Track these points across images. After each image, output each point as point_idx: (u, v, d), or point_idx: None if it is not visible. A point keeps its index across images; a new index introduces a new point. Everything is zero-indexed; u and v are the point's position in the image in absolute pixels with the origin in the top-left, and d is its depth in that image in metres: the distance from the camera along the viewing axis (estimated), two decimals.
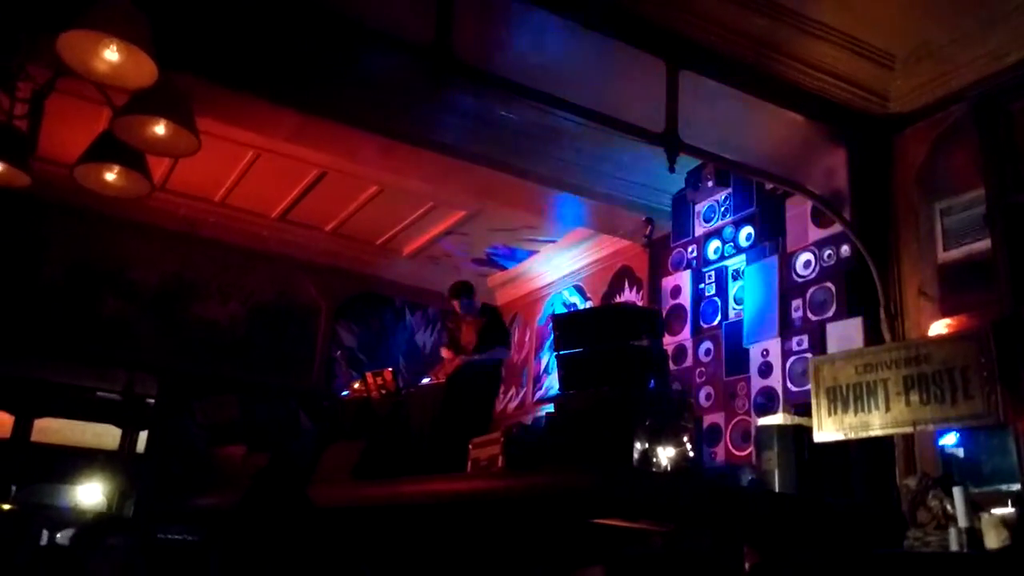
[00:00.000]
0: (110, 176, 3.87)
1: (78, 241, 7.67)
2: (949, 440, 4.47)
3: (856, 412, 4.34)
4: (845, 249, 5.07)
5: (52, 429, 10.86)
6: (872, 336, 4.81)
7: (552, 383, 8.11)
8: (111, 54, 3.17)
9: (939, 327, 4.67)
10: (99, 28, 3.06)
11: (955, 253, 4.81)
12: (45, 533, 8.87)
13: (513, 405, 8.70)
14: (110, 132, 3.50)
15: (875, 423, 4.25)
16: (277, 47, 4.93)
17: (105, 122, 5.78)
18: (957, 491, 3.75)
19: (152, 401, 8.87)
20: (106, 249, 7.81)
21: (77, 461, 10.87)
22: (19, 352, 8.14)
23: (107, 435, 11.12)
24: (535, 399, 8.42)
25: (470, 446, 4.51)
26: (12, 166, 3.66)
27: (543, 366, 8.47)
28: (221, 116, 5.56)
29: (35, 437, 10.76)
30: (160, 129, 3.53)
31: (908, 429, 4.21)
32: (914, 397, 4.13)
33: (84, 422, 10.97)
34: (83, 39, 3.11)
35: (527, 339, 8.85)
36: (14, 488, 10.75)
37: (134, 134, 3.51)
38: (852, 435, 4.33)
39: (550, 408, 4.80)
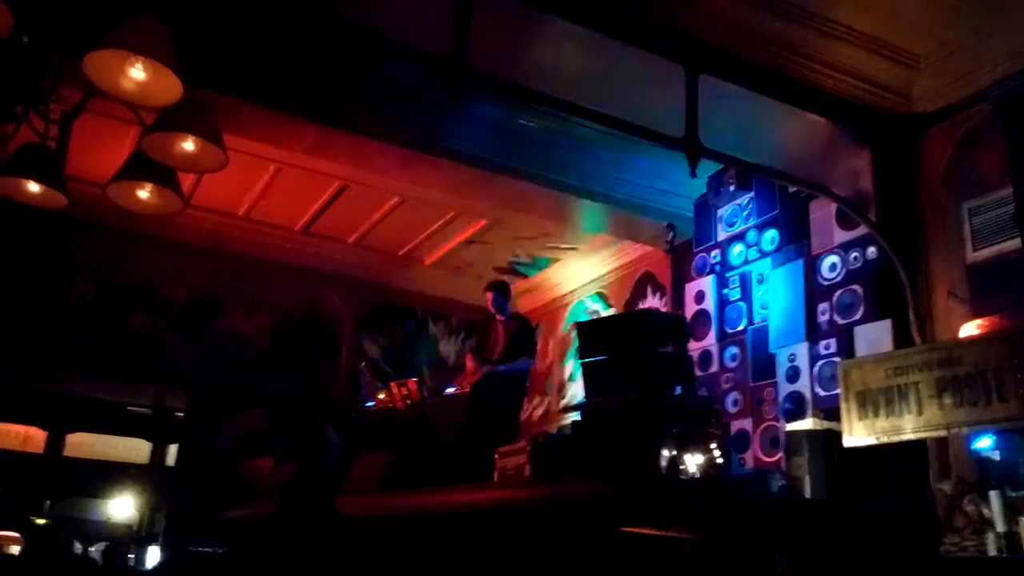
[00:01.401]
0: (143, 194, 3.93)
1: (107, 258, 7.80)
2: (984, 443, 4.38)
3: (887, 416, 4.28)
4: (872, 251, 5.01)
5: (84, 444, 11.03)
6: (901, 339, 4.74)
7: (576, 391, 8.09)
8: (137, 72, 3.23)
9: (970, 328, 4.59)
10: (125, 47, 3.12)
11: (985, 253, 4.74)
12: (78, 546, 8.99)
13: (538, 413, 8.68)
14: (141, 151, 3.55)
15: (907, 427, 4.18)
16: (296, 61, 4.99)
17: (132, 141, 5.89)
18: (994, 495, 3.68)
19: (181, 415, 8.96)
20: (134, 266, 7.93)
21: (109, 475, 11.03)
22: (51, 369, 8.29)
23: (138, 449, 11.27)
24: (559, 407, 8.39)
25: (496, 455, 4.49)
26: (49, 187, 3.74)
27: (567, 374, 8.44)
28: (242, 131, 5.62)
29: (67, 452, 10.94)
30: (188, 145, 3.58)
31: (942, 432, 4.13)
32: (947, 400, 4.06)
33: (115, 436, 11.13)
34: (109, 58, 3.17)
35: (550, 347, 8.84)
36: (48, 502, 10.93)
37: (163, 151, 3.57)
38: (884, 439, 4.26)
39: (575, 416, 4.78)
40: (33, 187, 3.76)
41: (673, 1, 4.48)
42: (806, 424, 4.67)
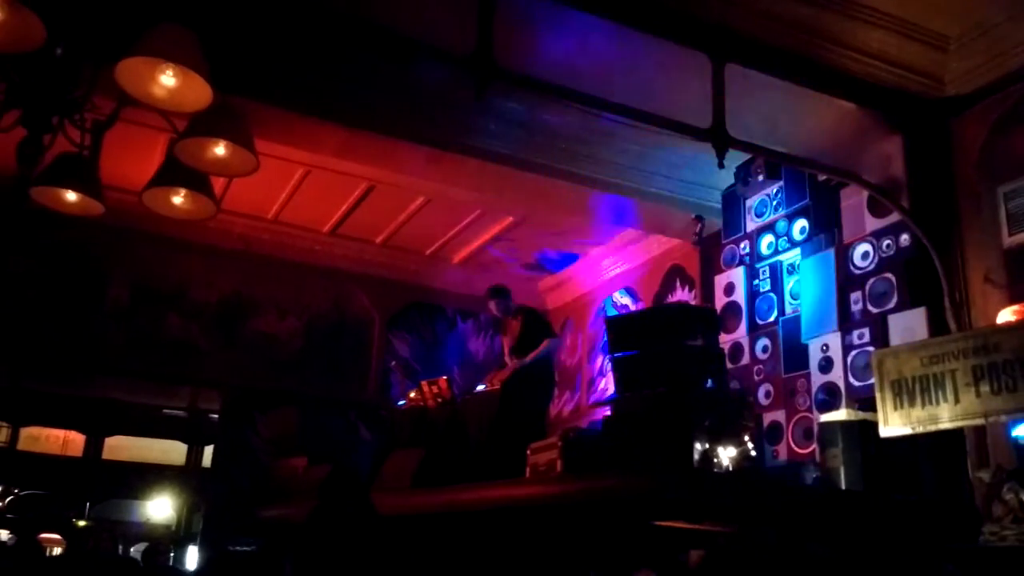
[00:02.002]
0: (177, 200, 3.98)
1: (140, 263, 7.93)
2: (1022, 431, 4.31)
3: (924, 405, 4.20)
4: (905, 238, 4.94)
5: (122, 447, 11.26)
6: (937, 327, 4.67)
7: (606, 386, 8.07)
8: (168, 79, 3.28)
9: (1007, 314, 4.50)
10: (155, 54, 3.17)
11: (1021, 237, 4.66)
12: (120, 547, 9.16)
13: (568, 409, 8.68)
14: (174, 157, 3.61)
15: (944, 416, 4.11)
16: (323, 65, 5.04)
17: (161, 147, 5.99)
18: None
19: (216, 416, 9.10)
20: (167, 270, 8.05)
21: (147, 477, 11.24)
22: (88, 374, 8.46)
23: (174, 451, 11.47)
24: (590, 402, 8.39)
25: (528, 451, 4.51)
26: (86, 195, 3.81)
27: (597, 369, 8.43)
28: (270, 134, 5.68)
29: (106, 455, 11.17)
30: (220, 150, 3.62)
31: (980, 421, 4.05)
32: (984, 388, 3.97)
33: (152, 439, 11.34)
34: (141, 66, 3.22)
35: (580, 342, 8.83)
36: (88, 505, 11.16)
37: (195, 156, 3.62)
38: (920, 429, 4.19)
39: (606, 411, 4.77)
40: (71, 196, 3.83)
41: None
42: (840, 415, 4.62)
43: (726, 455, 3.97)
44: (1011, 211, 4.73)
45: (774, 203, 5.95)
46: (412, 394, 6.72)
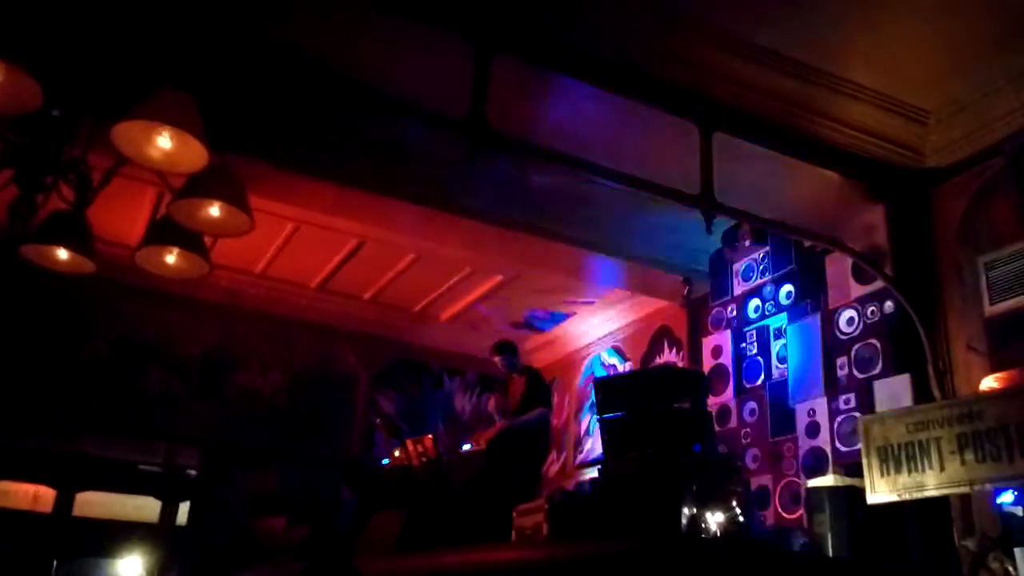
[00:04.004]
0: (170, 259, 3.98)
1: (121, 315, 7.84)
2: (1007, 499, 4.31)
3: (910, 472, 4.21)
4: (889, 305, 5.00)
5: (93, 503, 10.92)
6: (921, 393, 4.70)
7: (593, 446, 8.02)
8: (164, 141, 3.31)
9: (990, 382, 4.55)
10: (152, 117, 3.21)
11: (1002, 306, 4.72)
12: None
13: (555, 469, 8.59)
14: (168, 215, 3.62)
15: (930, 483, 4.11)
16: (316, 124, 5.10)
17: (149, 199, 6.01)
18: (1019, 552, 3.63)
19: (193, 472, 8.91)
20: (149, 322, 7.96)
21: (118, 534, 10.86)
22: (62, 427, 8.28)
23: (147, 507, 11.14)
24: (576, 463, 8.31)
25: (514, 514, 4.45)
26: (78, 253, 3.80)
27: (583, 428, 8.38)
28: (262, 191, 5.67)
29: (77, 511, 10.84)
30: (215, 211, 3.64)
31: (965, 489, 4.06)
32: (969, 456, 3.99)
33: (125, 495, 11.04)
34: (137, 128, 3.25)
35: (567, 402, 8.79)
36: (56, 563, 10.80)
37: (190, 217, 3.63)
38: (906, 496, 4.19)
39: (592, 472, 4.72)
40: (63, 254, 3.81)
41: (685, 62, 4.56)
42: (828, 480, 4.61)
43: (714, 520, 3.93)
44: (991, 280, 4.81)
45: (761, 268, 6.03)
46: (396, 452, 6.64)
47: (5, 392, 7.26)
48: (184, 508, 9.61)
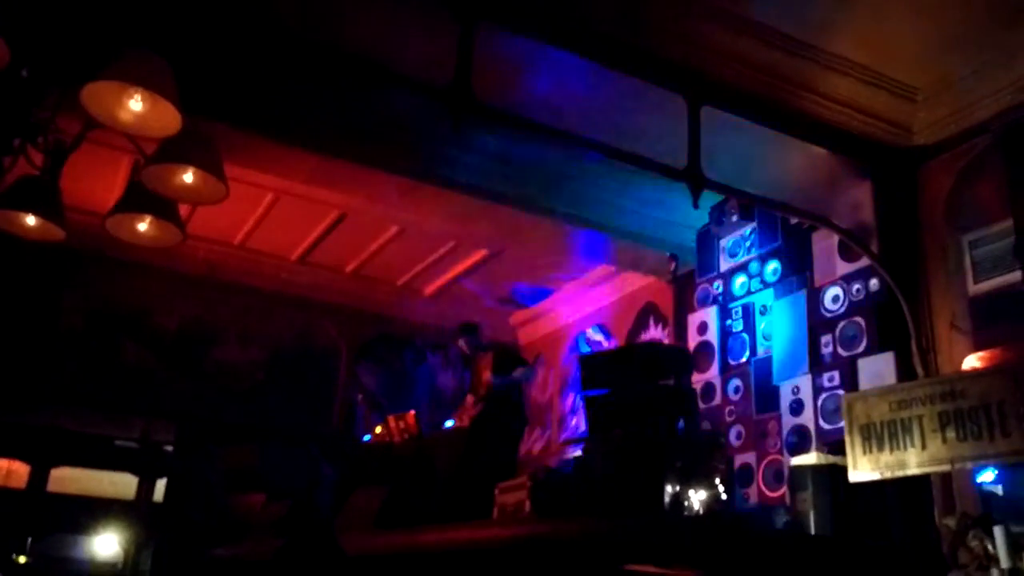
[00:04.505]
0: (142, 226, 3.88)
1: (97, 287, 7.70)
2: (987, 478, 4.34)
3: (892, 450, 4.22)
4: (874, 283, 4.98)
5: (68, 479, 10.79)
6: (905, 371, 4.70)
7: (578, 423, 8.01)
8: (135, 104, 3.20)
9: (973, 361, 4.56)
10: (123, 79, 3.09)
11: (986, 285, 4.73)
12: None
13: (538, 447, 8.58)
14: (139, 182, 3.51)
15: (911, 461, 4.12)
16: (297, 91, 4.97)
17: (124, 169, 5.86)
18: (998, 531, 3.62)
19: (170, 448, 8.81)
20: (125, 294, 7.83)
21: (93, 511, 10.76)
22: (36, 401, 8.14)
23: (123, 484, 11.03)
24: (560, 440, 8.30)
25: (496, 491, 4.41)
26: (47, 220, 3.69)
27: (568, 406, 8.36)
28: (240, 159, 5.57)
29: (51, 487, 10.70)
30: (188, 177, 3.54)
31: (945, 467, 4.07)
32: (950, 434, 4.00)
33: (101, 471, 10.92)
34: (107, 90, 3.13)
35: (551, 378, 8.76)
36: (30, 540, 10.68)
37: (163, 183, 3.52)
38: (888, 474, 4.20)
39: (576, 450, 4.70)
40: (31, 220, 3.71)
41: (673, 34, 4.48)
42: (811, 458, 4.60)
43: (697, 498, 3.92)
44: (976, 259, 4.81)
45: (747, 244, 5.99)
46: (378, 429, 6.57)
47: None
48: (161, 484, 9.54)
